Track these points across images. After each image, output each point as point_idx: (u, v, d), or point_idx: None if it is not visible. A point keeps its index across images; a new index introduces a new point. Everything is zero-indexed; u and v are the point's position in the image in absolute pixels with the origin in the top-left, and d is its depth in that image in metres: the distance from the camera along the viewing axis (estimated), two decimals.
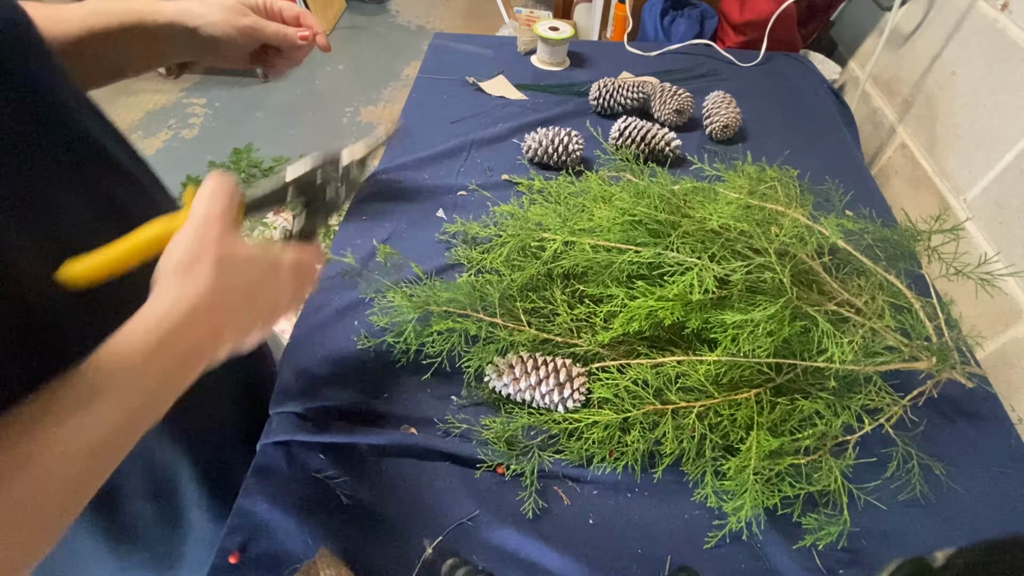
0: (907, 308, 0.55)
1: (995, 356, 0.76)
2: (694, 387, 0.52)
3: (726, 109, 0.90)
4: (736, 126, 0.91)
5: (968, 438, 0.58)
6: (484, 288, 0.60)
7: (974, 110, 0.84)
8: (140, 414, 0.33)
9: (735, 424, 0.51)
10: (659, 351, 0.56)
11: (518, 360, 0.55)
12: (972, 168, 0.83)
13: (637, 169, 0.72)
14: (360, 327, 0.63)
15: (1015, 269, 0.73)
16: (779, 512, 0.50)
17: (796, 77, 1.10)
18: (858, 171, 0.90)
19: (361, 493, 0.52)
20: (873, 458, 0.54)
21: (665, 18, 1.27)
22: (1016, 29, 0.78)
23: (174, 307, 0.34)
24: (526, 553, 0.49)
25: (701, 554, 0.49)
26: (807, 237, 0.54)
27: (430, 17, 3.09)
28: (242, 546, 0.49)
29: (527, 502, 0.51)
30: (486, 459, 0.53)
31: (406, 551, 0.49)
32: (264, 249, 0.40)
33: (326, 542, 0.49)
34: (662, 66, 1.10)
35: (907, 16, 1.00)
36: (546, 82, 1.04)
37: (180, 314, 0.34)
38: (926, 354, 0.53)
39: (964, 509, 0.53)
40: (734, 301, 0.52)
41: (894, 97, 1.04)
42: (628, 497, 0.53)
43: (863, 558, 0.49)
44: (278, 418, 0.56)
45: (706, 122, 0.92)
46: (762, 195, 0.59)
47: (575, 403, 0.53)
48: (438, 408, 0.58)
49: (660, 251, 0.53)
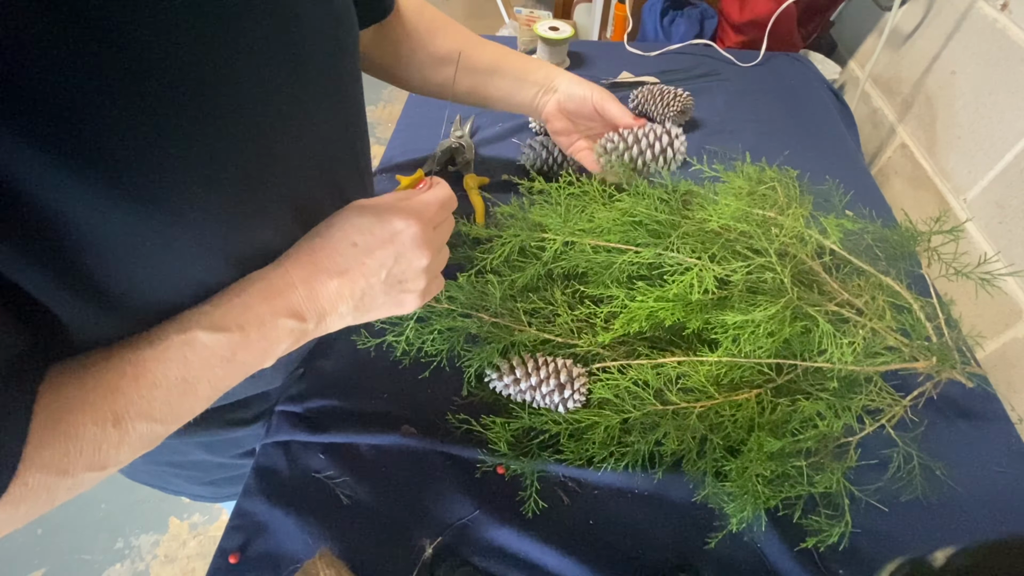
0: (907, 308, 0.55)
1: (995, 356, 0.76)
2: (695, 388, 0.52)
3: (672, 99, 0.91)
4: (691, 106, 0.92)
5: (968, 438, 0.58)
6: (484, 288, 0.60)
7: (974, 110, 0.84)
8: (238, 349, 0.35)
9: (736, 425, 0.51)
10: (660, 352, 0.55)
11: (519, 361, 0.55)
12: (972, 168, 0.83)
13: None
14: (360, 327, 0.63)
15: (1015, 269, 0.73)
16: (780, 513, 0.50)
17: (796, 77, 1.10)
18: (858, 171, 0.90)
19: (361, 493, 0.52)
20: (874, 459, 0.54)
21: (665, 18, 1.27)
22: (1016, 29, 0.78)
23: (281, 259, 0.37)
24: (526, 553, 0.49)
25: (701, 555, 0.49)
26: (807, 237, 0.54)
27: None
28: (242, 546, 0.49)
29: (527, 502, 0.51)
30: (486, 459, 0.53)
31: (406, 551, 0.49)
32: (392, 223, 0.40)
33: (326, 542, 0.48)
34: (662, 66, 1.10)
35: (907, 16, 1.00)
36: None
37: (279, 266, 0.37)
38: (926, 354, 0.53)
39: (964, 509, 0.53)
40: (734, 301, 0.52)
41: (894, 97, 1.04)
42: (628, 498, 0.53)
43: (863, 558, 0.49)
44: (278, 418, 0.56)
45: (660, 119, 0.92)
46: (762, 195, 0.59)
47: (575, 403, 0.53)
48: (438, 408, 0.58)
49: (660, 251, 0.53)
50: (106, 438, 0.30)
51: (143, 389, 0.31)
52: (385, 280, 0.40)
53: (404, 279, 0.41)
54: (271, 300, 0.36)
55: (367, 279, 0.39)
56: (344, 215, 0.40)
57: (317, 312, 0.38)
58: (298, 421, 0.56)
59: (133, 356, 0.32)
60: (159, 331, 0.33)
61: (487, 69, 0.66)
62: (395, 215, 0.40)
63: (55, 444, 0.29)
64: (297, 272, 0.37)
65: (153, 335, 0.33)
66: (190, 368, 0.33)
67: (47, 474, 0.29)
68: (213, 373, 0.34)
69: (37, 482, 0.29)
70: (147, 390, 0.32)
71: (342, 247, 0.38)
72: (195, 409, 0.35)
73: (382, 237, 0.39)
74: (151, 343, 0.32)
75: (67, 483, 0.30)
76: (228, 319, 0.34)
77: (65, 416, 0.29)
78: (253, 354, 0.36)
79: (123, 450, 0.32)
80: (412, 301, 0.43)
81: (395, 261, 0.40)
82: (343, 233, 0.39)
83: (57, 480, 0.29)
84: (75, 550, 1.27)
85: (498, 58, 0.66)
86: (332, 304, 0.38)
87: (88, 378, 0.30)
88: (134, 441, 0.32)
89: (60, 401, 0.29)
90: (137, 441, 0.32)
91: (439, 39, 0.64)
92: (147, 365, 0.32)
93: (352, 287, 0.38)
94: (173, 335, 0.33)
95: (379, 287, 0.40)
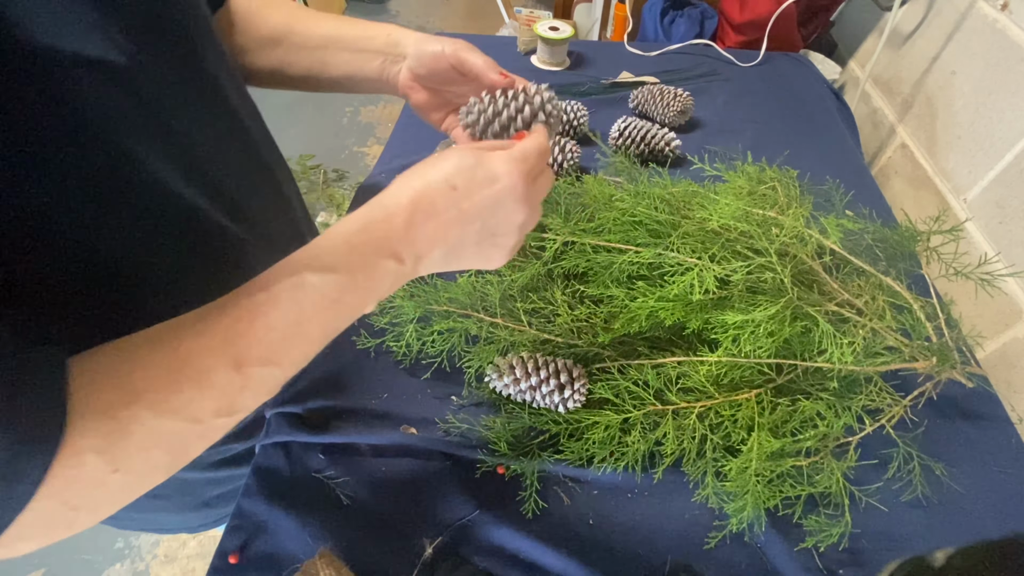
0: (907, 308, 0.55)
1: (995, 356, 0.76)
2: (695, 387, 0.52)
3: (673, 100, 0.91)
4: (691, 106, 0.92)
5: (968, 438, 0.58)
6: (484, 288, 0.60)
7: (974, 110, 0.84)
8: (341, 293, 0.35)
9: (736, 425, 0.51)
10: (660, 352, 0.55)
11: (519, 361, 0.55)
12: (972, 168, 0.83)
13: (636, 170, 0.72)
14: (360, 327, 0.63)
15: (1015, 269, 0.73)
16: (780, 513, 0.50)
17: (796, 77, 1.10)
18: (858, 171, 0.90)
19: (361, 493, 0.52)
20: (874, 459, 0.54)
21: (665, 18, 1.27)
22: (1016, 29, 0.78)
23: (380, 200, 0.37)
24: (526, 553, 0.49)
25: (701, 555, 0.49)
26: (807, 237, 0.54)
27: (430, 17, 3.09)
28: (242, 546, 0.49)
29: (527, 502, 0.51)
30: (486, 459, 0.53)
31: (406, 551, 0.49)
32: None
33: (326, 542, 0.48)
34: (662, 66, 1.10)
35: (907, 16, 1.00)
36: (546, 82, 1.04)
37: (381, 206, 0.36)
38: (926, 354, 0.53)
39: (964, 509, 0.53)
40: (735, 301, 0.52)
41: (894, 97, 1.04)
42: (628, 498, 0.53)
43: (863, 558, 0.49)
44: (278, 418, 0.56)
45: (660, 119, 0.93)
46: (762, 195, 0.59)
47: (575, 403, 0.53)
48: (438, 408, 0.58)
49: (660, 251, 0.53)
50: (230, 382, 0.31)
51: (259, 332, 0.32)
52: (479, 231, 0.38)
53: (497, 232, 0.39)
54: (374, 241, 0.35)
55: (462, 227, 0.37)
56: (446, 155, 0.38)
57: (415, 255, 0.37)
58: (298, 421, 0.56)
59: (247, 301, 0.32)
60: (270, 274, 0.33)
61: (320, 44, 0.55)
62: (497, 161, 0.38)
63: (183, 390, 0.29)
64: (398, 213, 0.36)
65: (265, 279, 0.33)
66: (303, 310, 0.33)
67: (178, 420, 0.29)
68: (323, 316, 0.34)
69: (169, 429, 0.29)
70: (263, 332, 0.32)
71: (442, 188, 0.37)
72: (309, 353, 0.35)
73: (482, 182, 0.37)
74: (263, 287, 0.32)
75: (198, 430, 0.31)
76: (335, 260, 0.34)
77: (190, 361, 0.30)
78: (359, 296, 0.35)
79: (247, 395, 0.32)
80: (500, 258, 0.41)
81: (492, 212, 0.38)
82: (443, 175, 0.37)
83: (190, 427, 0.30)
84: (75, 550, 1.27)
85: (332, 30, 0.55)
86: (428, 247, 0.37)
87: (205, 324, 0.31)
88: (257, 386, 0.32)
89: (181, 348, 0.30)
90: (259, 386, 0.33)
91: (262, 16, 0.54)
92: (261, 309, 0.32)
93: (447, 232, 0.37)
94: (284, 278, 0.33)
95: (472, 236, 0.38)
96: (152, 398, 0.28)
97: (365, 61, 0.55)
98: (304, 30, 0.55)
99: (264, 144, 0.53)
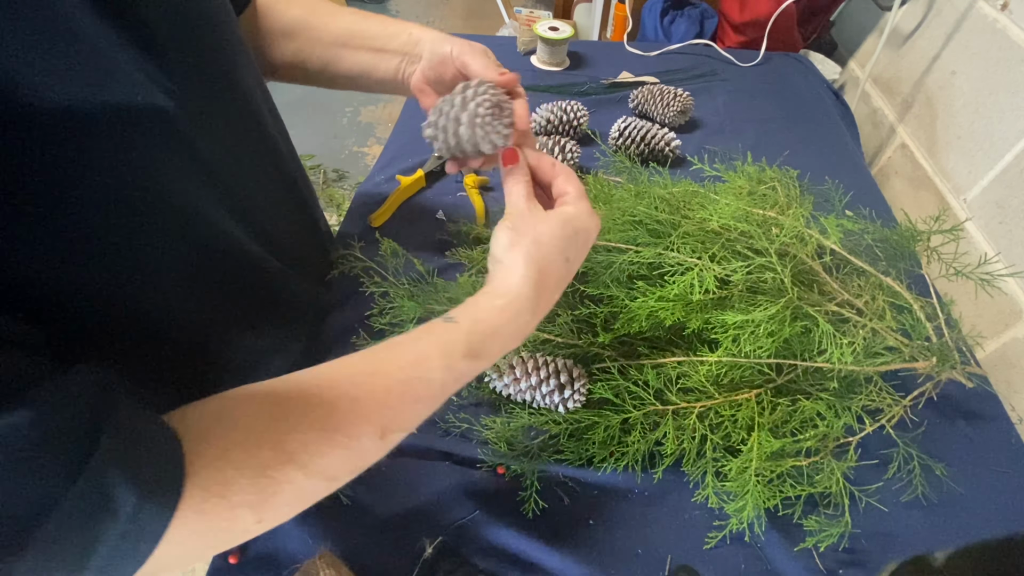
0: (907, 308, 0.55)
1: (995, 356, 0.76)
2: (695, 388, 0.52)
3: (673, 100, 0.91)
4: (691, 106, 0.92)
5: (968, 438, 0.58)
6: None
7: (974, 110, 0.84)
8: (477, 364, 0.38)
9: (736, 425, 0.51)
10: (660, 352, 0.55)
11: (519, 360, 0.55)
12: (972, 168, 0.83)
13: (636, 170, 0.72)
14: (360, 327, 0.63)
15: (1015, 269, 0.73)
16: (780, 513, 0.50)
17: (796, 77, 1.10)
18: (858, 171, 0.90)
19: (361, 493, 0.52)
20: (874, 460, 0.54)
21: (665, 18, 1.27)
22: (1016, 29, 0.78)
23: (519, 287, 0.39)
24: (526, 553, 0.49)
25: (701, 555, 0.49)
26: (807, 237, 0.54)
27: (430, 17, 3.09)
28: (242, 546, 0.49)
29: (527, 502, 0.51)
30: (486, 459, 0.53)
31: (406, 551, 0.49)
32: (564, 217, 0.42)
33: (326, 542, 0.48)
34: (662, 66, 1.10)
35: (907, 16, 1.01)
36: (546, 82, 1.04)
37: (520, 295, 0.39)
38: (926, 354, 0.53)
39: (964, 509, 0.53)
40: (735, 301, 0.52)
41: (894, 97, 1.04)
42: (628, 498, 0.53)
43: (863, 558, 0.49)
44: None
45: (660, 119, 0.93)
46: (762, 195, 0.59)
47: (575, 403, 0.53)
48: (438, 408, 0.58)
49: (660, 251, 0.53)
50: (374, 447, 0.33)
51: (408, 405, 0.34)
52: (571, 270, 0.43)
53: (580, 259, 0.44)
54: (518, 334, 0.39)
55: (567, 281, 0.43)
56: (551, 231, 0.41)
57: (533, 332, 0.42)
58: None
59: (400, 374, 0.34)
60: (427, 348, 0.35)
61: (338, 41, 0.54)
62: (584, 217, 0.42)
63: (334, 453, 0.31)
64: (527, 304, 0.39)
65: (422, 352, 0.35)
66: (445, 387, 0.36)
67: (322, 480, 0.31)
68: (457, 388, 0.37)
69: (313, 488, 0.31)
70: (411, 405, 0.34)
71: (558, 264, 0.41)
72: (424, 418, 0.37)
73: (584, 244, 0.43)
74: (419, 362, 0.35)
75: (333, 487, 0.33)
76: (484, 349, 0.37)
77: (342, 428, 0.31)
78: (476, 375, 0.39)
79: (378, 457, 0.34)
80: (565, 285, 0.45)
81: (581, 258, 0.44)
82: (557, 251, 0.41)
83: (328, 485, 0.32)
84: None
85: (351, 24, 0.54)
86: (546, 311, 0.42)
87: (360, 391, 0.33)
88: (387, 449, 0.34)
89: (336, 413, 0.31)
90: (392, 446, 0.35)
91: (280, 9, 0.54)
92: (414, 386, 0.34)
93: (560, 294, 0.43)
94: (438, 358, 0.35)
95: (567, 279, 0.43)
96: (304, 460, 0.30)
97: (383, 60, 0.54)
98: (321, 24, 0.54)
99: (290, 159, 0.55)
